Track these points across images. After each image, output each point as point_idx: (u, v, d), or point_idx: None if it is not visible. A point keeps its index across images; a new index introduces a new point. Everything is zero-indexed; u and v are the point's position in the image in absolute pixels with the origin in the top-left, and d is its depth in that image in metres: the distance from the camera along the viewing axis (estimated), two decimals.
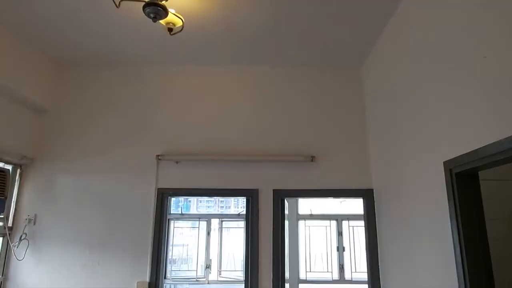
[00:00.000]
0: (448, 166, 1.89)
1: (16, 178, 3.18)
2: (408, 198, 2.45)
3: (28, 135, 3.24)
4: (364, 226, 3.21)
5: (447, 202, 1.90)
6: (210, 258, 5.83)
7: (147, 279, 2.97)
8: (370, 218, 3.13)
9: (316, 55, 3.26)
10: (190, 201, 7.98)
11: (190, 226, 6.23)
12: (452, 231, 1.84)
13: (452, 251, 1.83)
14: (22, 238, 3.05)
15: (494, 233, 1.90)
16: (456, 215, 1.82)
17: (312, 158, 3.20)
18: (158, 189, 3.16)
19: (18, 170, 3.20)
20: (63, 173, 3.23)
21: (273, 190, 3.18)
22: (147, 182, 3.18)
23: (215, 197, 7.64)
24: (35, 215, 3.13)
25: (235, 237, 6.08)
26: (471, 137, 1.71)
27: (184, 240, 6.13)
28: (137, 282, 2.96)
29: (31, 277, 3.01)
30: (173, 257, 6.06)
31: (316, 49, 3.15)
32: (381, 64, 2.98)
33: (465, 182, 1.85)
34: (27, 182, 3.22)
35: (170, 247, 5.95)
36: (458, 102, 1.84)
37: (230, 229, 6.01)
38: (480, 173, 1.85)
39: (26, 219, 3.10)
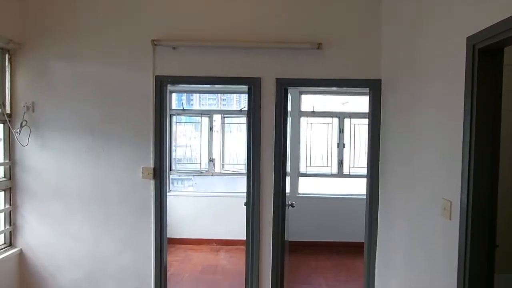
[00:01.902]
0: (472, 42, 1.71)
1: (6, 64, 3.02)
2: (419, 87, 2.32)
3: (11, 17, 2.97)
4: (368, 119, 3.15)
5: (463, 89, 1.77)
6: (214, 157, 6.03)
7: (152, 165, 3.04)
8: (375, 110, 3.05)
9: None
10: (192, 99, 7.94)
11: (193, 122, 6.29)
12: (464, 122, 1.75)
13: (460, 147, 1.77)
14: (23, 125, 3.03)
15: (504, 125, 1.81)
16: (472, 102, 1.71)
17: (319, 45, 2.97)
18: (156, 76, 3.01)
19: (7, 55, 3.02)
20: (55, 59, 3.06)
21: (276, 79, 3.03)
22: (144, 69, 3.02)
23: (217, 94, 7.57)
24: (33, 103, 3.06)
25: (237, 133, 6.17)
26: (501, 5, 1.49)
27: (188, 141, 6.28)
28: (142, 167, 3.04)
29: (38, 161, 3.09)
30: (178, 157, 6.27)
31: None
32: None
33: (488, 62, 1.68)
34: (19, 68, 3.07)
35: (174, 147, 6.12)
36: None
37: (232, 125, 6.07)
38: None
39: (24, 106, 3.04)
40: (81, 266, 3.12)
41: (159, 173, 3.04)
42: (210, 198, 5.89)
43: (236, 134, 6.15)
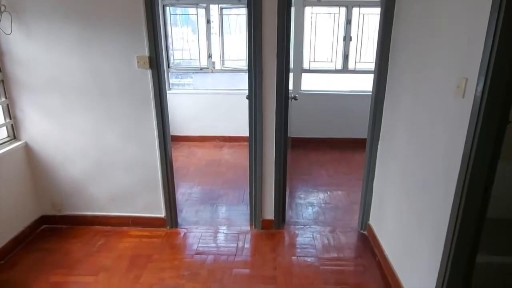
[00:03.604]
0: None
1: None
2: None
3: None
4: (380, 7, 2.85)
5: None
6: (213, 60, 5.74)
7: (147, 54, 2.86)
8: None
9: None
10: None
11: (189, 14, 5.84)
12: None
13: (485, 21, 1.57)
14: (2, 10, 2.76)
15: None
16: None
17: None
18: None
19: None
20: None
21: None
22: None
23: None
24: None
25: (236, 34, 5.78)
26: None
27: (185, 45, 5.93)
28: (137, 56, 2.87)
29: (26, 51, 2.90)
30: (177, 61, 5.99)
31: None
32: None
33: None
34: None
35: (171, 51, 5.78)
36: None
37: (231, 17, 5.65)
38: None
39: None
40: (88, 156, 3.19)
41: (156, 63, 2.88)
42: (211, 96, 5.83)
43: (235, 35, 5.78)
